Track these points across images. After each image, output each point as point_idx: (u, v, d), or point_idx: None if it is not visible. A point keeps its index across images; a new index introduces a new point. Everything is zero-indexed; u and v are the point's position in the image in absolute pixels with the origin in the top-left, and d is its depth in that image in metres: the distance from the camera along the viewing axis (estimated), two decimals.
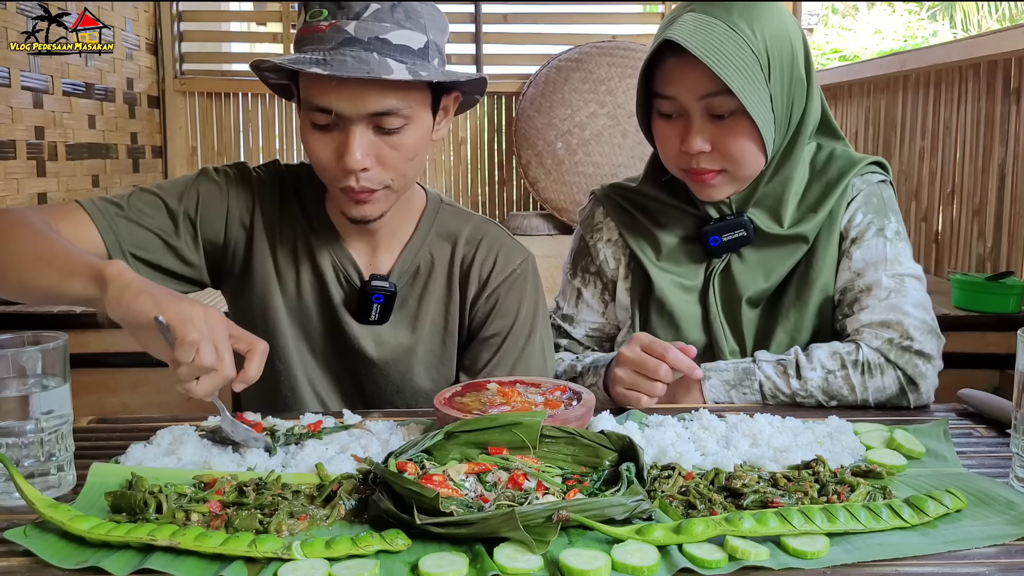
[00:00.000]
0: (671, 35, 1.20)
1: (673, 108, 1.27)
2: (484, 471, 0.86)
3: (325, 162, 1.17)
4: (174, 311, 0.93)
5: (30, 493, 0.81)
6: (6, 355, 0.87)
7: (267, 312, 1.30)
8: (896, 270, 1.27)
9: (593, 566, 0.71)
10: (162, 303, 0.94)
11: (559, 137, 3.90)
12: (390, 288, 1.28)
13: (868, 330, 1.23)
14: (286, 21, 4.54)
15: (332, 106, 1.13)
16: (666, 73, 1.26)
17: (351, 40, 1.11)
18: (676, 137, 1.27)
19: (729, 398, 1.23)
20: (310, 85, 1.14)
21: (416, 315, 1.33)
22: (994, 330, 2.34)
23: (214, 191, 1.29)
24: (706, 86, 1.22)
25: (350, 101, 1.12)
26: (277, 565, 0.73)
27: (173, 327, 0.92)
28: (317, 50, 1.11)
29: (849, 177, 1.32)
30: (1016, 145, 2.59)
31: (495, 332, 1.33)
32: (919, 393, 1.20)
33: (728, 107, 1.23)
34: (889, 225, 1.30)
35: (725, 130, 1.24)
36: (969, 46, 2.82)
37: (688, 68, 1.22)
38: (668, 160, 1.32)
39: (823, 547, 0.75)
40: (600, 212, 1.45)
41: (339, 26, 1.12)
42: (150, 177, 4.25)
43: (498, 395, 1.06)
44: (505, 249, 1.35)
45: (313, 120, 1.15)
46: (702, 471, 0.92)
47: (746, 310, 1.33)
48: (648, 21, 4.63)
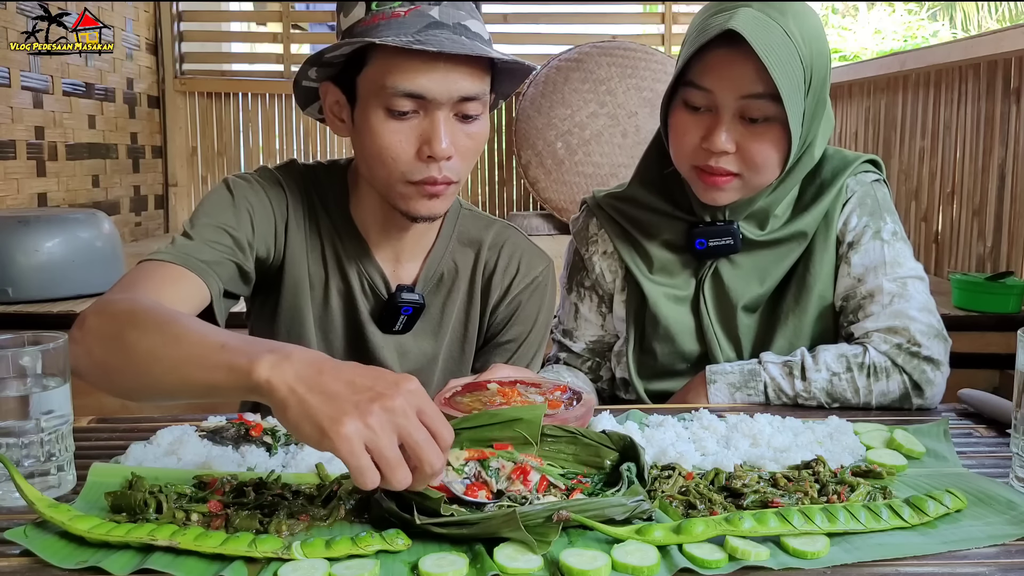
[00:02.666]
0: (734, 26, 1.13)
1: (705, 101, 1.21)
2: (484, 458, 0.86)
3: (404, 153, 1.12)
4: (331, 435, 0.72)
5: (30, 493, 0.80)
6: (6, 355, 0.87)
7: (294, 320, 1.26)
8: (897, 273, 1.25)
9: (593, 566, 0.71)
10: (319, 427, 0.73)
11: (559, 137, 3.90)
12: (420, 300, 1.25)
13: (876, 335, 1.22)
14: (286, 21, 4.55)
15: (422, 90, 1.09)
16: (709, 64, 1.19)
17: (438, 24, 1.09)
18: (699, 131, 1.22)
19: (734, 400, 1.23)
20: (394, 70, 1.09)
21: (439, 323, 1.31)
22: (994, 330, 2.34)
23: (257, 204, 1.22)
24: (750, 86, 1.18)
25: (442, 83, 1.09)
26: (277, 565, 0.72)
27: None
28: (402, 34, 1.08)
29: (843, 178, 1.30)
30: (1016, 145, 2.59)
31: (512, 338, 1.33)
32: (924, 399, 1.19)
33: (764, 112, 1.19)
34: (885, 227, 1.29)
35: (754, 134, 1.20)
36: (969, 46, 2.82)
37: (737, 63, 1.17)
38: (682, 154, 1.26)
39: (823, 547, 0.75)
40: (594, 224, 1.42)
41: (421, 11, 1.10)
42: (150, 177, 4.26)
43: (498, 395, 1.06)
44: (528, 255, 1.34)
45: (394, 107, 1.10)
46: (702, 471, 0.92)
47: (743, 316, 1.31)
48: (648, 21, 4.63)
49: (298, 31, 5.11)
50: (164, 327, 0.89)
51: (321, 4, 5.87)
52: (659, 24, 4.53)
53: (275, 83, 4.46)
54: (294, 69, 4.50)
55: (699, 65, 1.21)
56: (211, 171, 4.49)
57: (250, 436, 1.00)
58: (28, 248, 2.45)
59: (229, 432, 1.01)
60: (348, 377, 0.76)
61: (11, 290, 2.41)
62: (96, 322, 0.94)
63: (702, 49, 1.19)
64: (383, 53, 1.09)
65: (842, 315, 1.30)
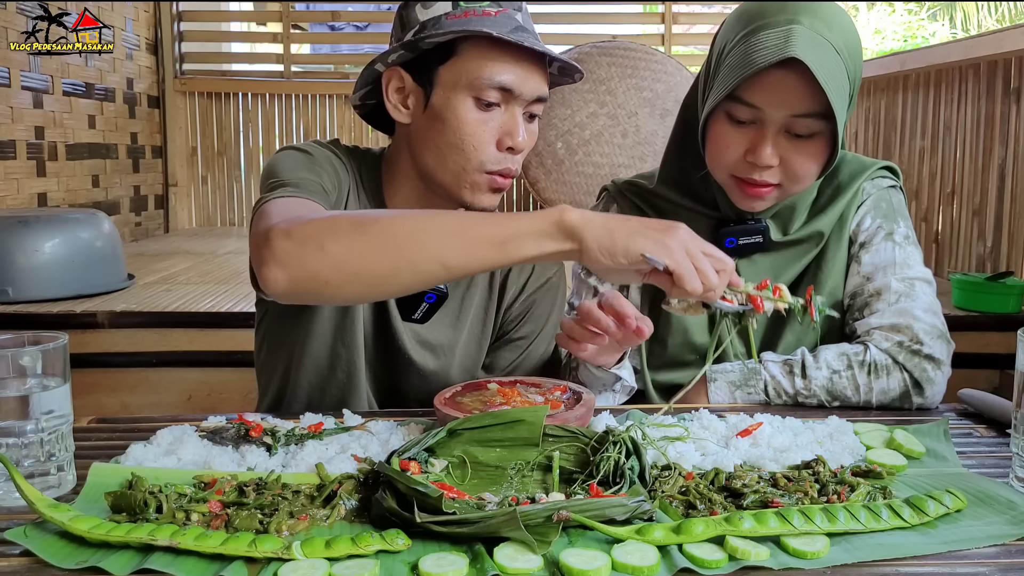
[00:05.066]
0: (796, 53, 1.12)
1: (751, 116, 1.20)
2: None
3: (486, 142, 1.18)
4: (666, 243, 0.95)
5: (30, 493, 0.81)
6: (6, 355, 0.87)
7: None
8: (906, 274, 1.26)
9: (593, 566, 0.71)
10: (652, 238, 0.95)
11: (559, 137, 3.90)
12: (443, 289, 1.27)
13: (878, 332, 1.22)
14: (286, 21, 4.55)
15: (512, 84, 1.16)
16: (760, 83, 1.17)
17: (522, 28, 1.18)
18: (742, 145, 1.21)
19: (734, 399, 1.23)
20: (490, 61, 1.15)
21: (458, 316, 1.33)
22: (994, 330, 2.34)
23: (328, 167, 1.22)
24: (803, 106, 1.17)
25: (527, 81, 1.17)
26: (277, 565, 0.73)
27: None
28: (496, 31, 1.14)
29: (860, 181, 1.32)
30: (1016, 145, 2.59)
31: (523, 335, 1.35)
32: (924, 397, 1.19)
33: (811, 128, 1.18)
34: (898, 229, 1.30)
35: (799, 149, 1.20)
36: (969, 46, 2.82)
37: (790, 84, 1.16)
38: (721, 163, 1.25)
39: (823, 547, 0.75)
40: (614, 210, 1.42)
41: (509, 13, 1.17)
42: (150, 177, 4.26)
43: (498, 395, 1.06)
44: None
45: (484, 97, 1.16)
46: (702, 471, 0.92)
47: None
48: (648, 21, 4.63)
49: (298, 31, 5.11)
50: (405, 213, 0.99)
51: (321, 4, 5.86)
52: (659, 24, 4.53)
53: (275, 83, 4.46)
54: (294, 69, 4.50)
55: (748, 82, 1.18)
56: (211, 171, 4.49)
57: (250, 436, 1.00)
58: (28, 248, 2.45)
59: (229, 432, 1.01)
60: (629, 216, 0.98)
61: (11, 290, 2.41)
62: (308, 229, 0.96)
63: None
64: (479, 45, 1.16)
65: (848, 312, 1.31)
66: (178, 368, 2.37)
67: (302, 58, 4.66)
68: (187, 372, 2.37)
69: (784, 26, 1.15)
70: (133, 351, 2.35)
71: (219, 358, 2.35)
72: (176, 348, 2.36)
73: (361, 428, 1.05)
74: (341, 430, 1.04)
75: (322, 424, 1.05)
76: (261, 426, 1.03)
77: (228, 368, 2.34)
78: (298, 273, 0.95)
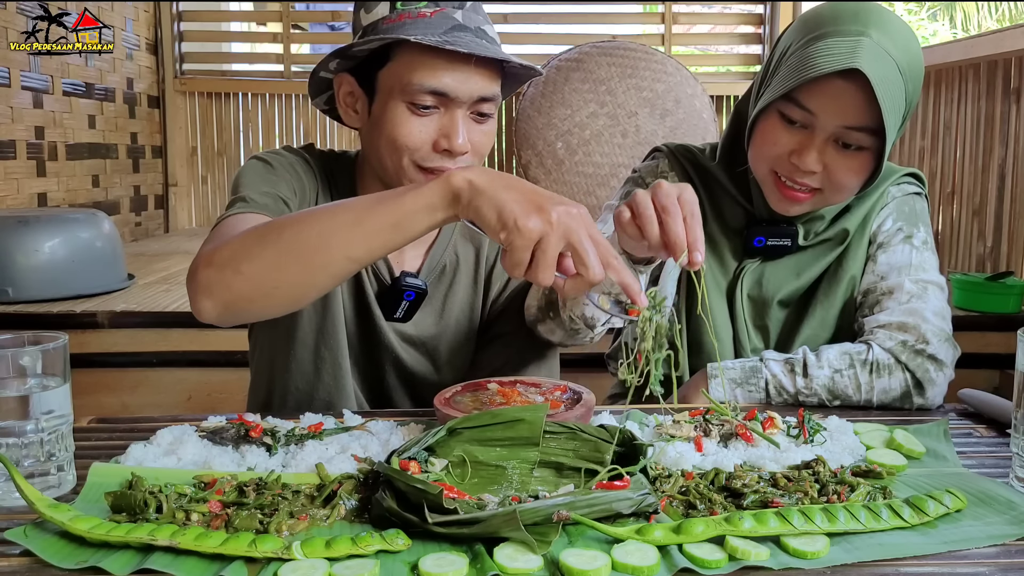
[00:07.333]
0: (861, 66, 1.12)
1: (803, 119, 1.20)
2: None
3: (421, 144, 1.17)
4: (515, 227, 0.87)
5: (30, 493, 0.81)
6: (6, 355, 0.87)
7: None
8: (920, 276, 1.27)
9: (593, 566, 0.71)
10: (503, 220, 0.88)
11: (559, 137, 3.90)
12: (422, 286, 1.28)
13: (883, 331, 1.23)
14: (286, 21, 4.54)
15: (446, 88, 1.14)
16: (819, 88, 1.17)
17: (461, 27, 1.15)
18: (789, 145, 1.21)
19: (734, 396, 1.23)
20: (420, 67, 1.14)
21: (440, 313, 1.34)
22: (994, 330, 2.34)
23: (292, 176, 1.24)
24: (857, 118, 1.17)
25: (464, 83, 1.15)
26: (277, 565, 0.73)
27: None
28: (429, 34, 1.13)
29: (886, 185, 1.34)
30: (1016, 145, 2.59)
31: (511, 331, 1.34)
32: (925, 398, 1.19)
33: (861, 142, 1.19)
34: (917, 234, 1.31)
35: (845, 159, 1.20)
36: (969, 46, 2.82)
37: (848, 94, 1.16)
38: (764, 159, 1.25)
39: (823, 547, 0.75)
40: (665, 164, 1.41)
41: (446, 13, 1.16)
42: (150, 177, 4.25)
43: (498, 395, 1.06)
44: None
45: (417, 101, 1.15)
46: (702, 471, 0.92)
47: (776, 310, 1.34)
48: (648, 21, 4.63)
49: (298, 31, 5.10)
50: (306, 217, 0.97)
51: (321, 4, 5.86)
52: (659, 24, 4.53)
53: (275, 83, 4.46)
54: (294, 69, 4.49)
55: (807, 85, 1.18)
56: (211, 171, 4.49)
57: (250, 436, 1.00)
58: (28, 248, 2.45)
59: (229, 432, 1.01)
60: (532, 186, 0.90)
61: (11, 290, 2.41)
62: (225, 253, 0.98)
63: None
64: (410, 50, 1.14)
65: (859, 309, 1.32)
66: (178, 368, 2.37)
67: (302, 58, 4.64)
68: (187, 372, 2.38)
69: (853, 36, 1.15)
70: (133, 351, 2.35)
71: (219, 358, 2.36)
72: (176, 348, 2.36)
73: (361, 428, 1.05)
74: (341, 430, 1.04)
75: (322, 424, 1.05)
76: (261, 426, 1.03)
77: (228, 368, 2.34)
78: (223, 297, 0.98)
